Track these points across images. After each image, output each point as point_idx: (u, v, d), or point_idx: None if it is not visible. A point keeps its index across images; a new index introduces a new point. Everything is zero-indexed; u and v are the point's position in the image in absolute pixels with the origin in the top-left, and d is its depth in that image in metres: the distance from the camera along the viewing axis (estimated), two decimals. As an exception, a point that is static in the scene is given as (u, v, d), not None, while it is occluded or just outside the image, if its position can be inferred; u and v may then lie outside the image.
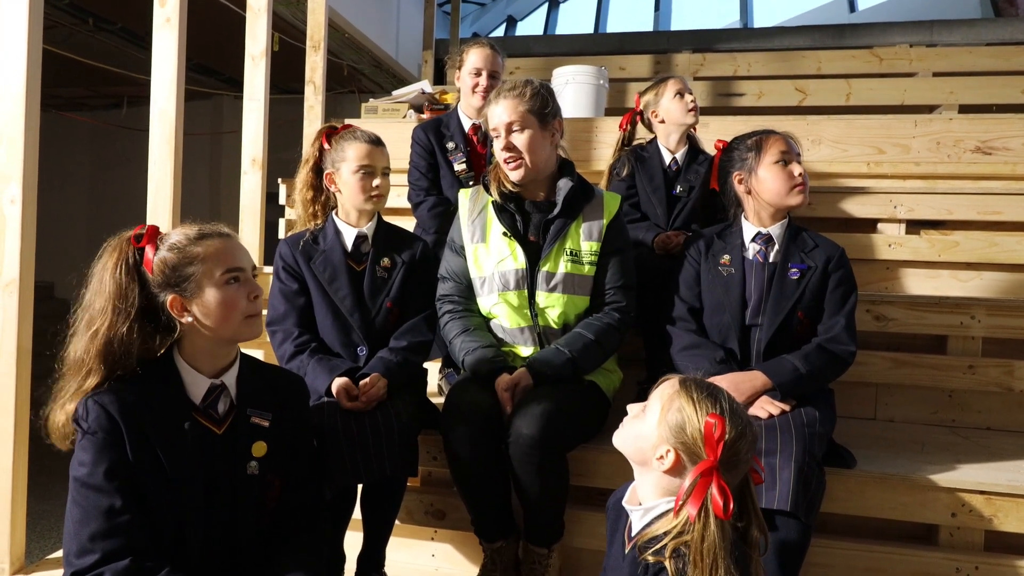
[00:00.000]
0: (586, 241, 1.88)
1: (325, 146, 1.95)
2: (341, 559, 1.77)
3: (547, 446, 1.61)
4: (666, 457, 1.09)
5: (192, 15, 2.38)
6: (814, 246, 1.87)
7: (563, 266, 1.85)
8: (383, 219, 1.98)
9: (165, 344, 1.37)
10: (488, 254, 1.90)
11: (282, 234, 3.45)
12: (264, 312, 1.45)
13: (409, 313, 1.92)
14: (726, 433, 1.06)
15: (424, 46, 6.51)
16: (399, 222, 2.08)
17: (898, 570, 1.70)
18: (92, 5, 4.86)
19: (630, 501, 1.19)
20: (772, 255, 1.87)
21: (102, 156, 7.53)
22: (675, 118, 2.47)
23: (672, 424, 1.09)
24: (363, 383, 1.71)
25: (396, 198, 3.04)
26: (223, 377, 1.35)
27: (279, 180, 3.49)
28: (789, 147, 1.88)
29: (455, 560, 1.95)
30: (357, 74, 6.23)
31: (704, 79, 5.39)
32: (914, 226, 2.79)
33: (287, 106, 5.37)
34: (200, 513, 1.29)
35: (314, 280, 1.88)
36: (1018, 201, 2.69)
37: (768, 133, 1.92)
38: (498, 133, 1.85)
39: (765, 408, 1.67)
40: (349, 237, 1.91)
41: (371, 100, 3.98)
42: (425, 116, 3.58)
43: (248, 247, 1.41)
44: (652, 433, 1.12)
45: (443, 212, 2.54)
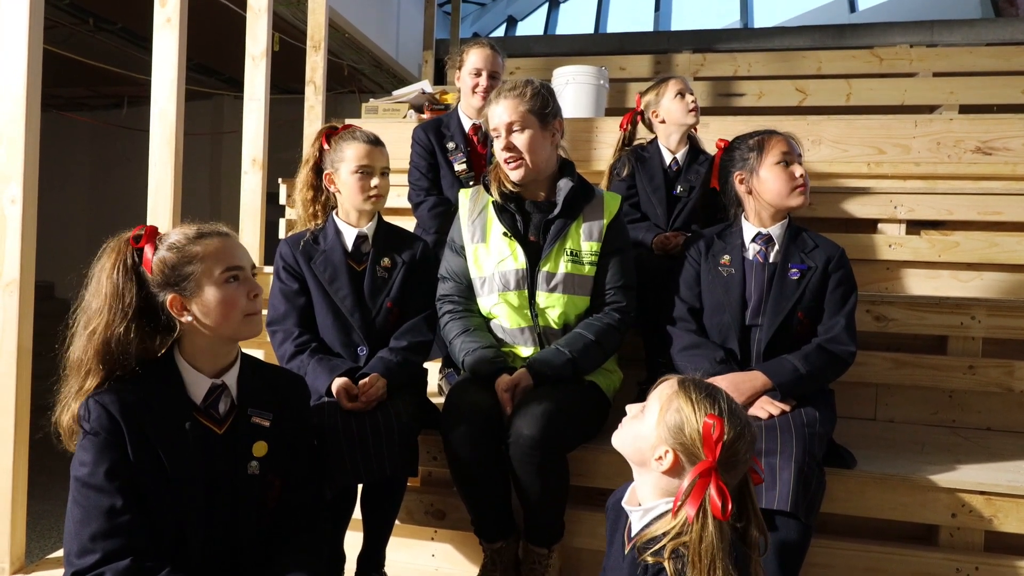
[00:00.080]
0: (586, 241, 1.88)
1: (325, 146, 1.95)
2: (341, 559, 1.77)
3: (547, 446, 1.61)
4: (665, 458, 1.09)
5: (192, 15, 2.38)
6: (814, 246, 1.87)
7: (563, 266, 1.85)
8: (383, 219, 1.98)
9: (165, 344, 1.37)
10: (488, 254, 1.90)
11: (282, 234, 3.45)
12: (264, 312, 1.45)
13: (409, 313, 1.92)
14: (725, 434, 1.06)
15: (424, 46, 6.51)
16: (399, 222, 2.08)
17: (898, 570, 1.70)
18: (92, 5, 4.86)
19: (629, 502, 1.19)
20: (772, 255, 1.87)
21: (102, 156, 7.53)
22: (676, 118, 2.47)
23: (671, 425, 1.09)
24: (362, 383, 1.72)
25: (396, 198, 3.04)
26: (224, 377, 1.35)
27: (279, 180, 3.50)
28: (791, 148, 1.88)
29: (455, 560, 1.95)
30: (357, 74, 6.23)
31: (704, 79, 5.40)
32: (914, 226, 2.79)
33: (287, 106, 5.37)
34: (201, 513, 1.29)
35: (314, 280, 1.88)
36: (1018, 201, 2.69)
37: (770, 133, 1.92)
38: (498, 133, 1.85)
39: (765, 408, 1.67)
40: (349, 237, 1.91)
41: (371, 100, 3.98)
42: (425, 116, 3.58)
43: (248, 247, 1.41)
44: (651, 434, 1.11)
45: (443, 212, 2.54)
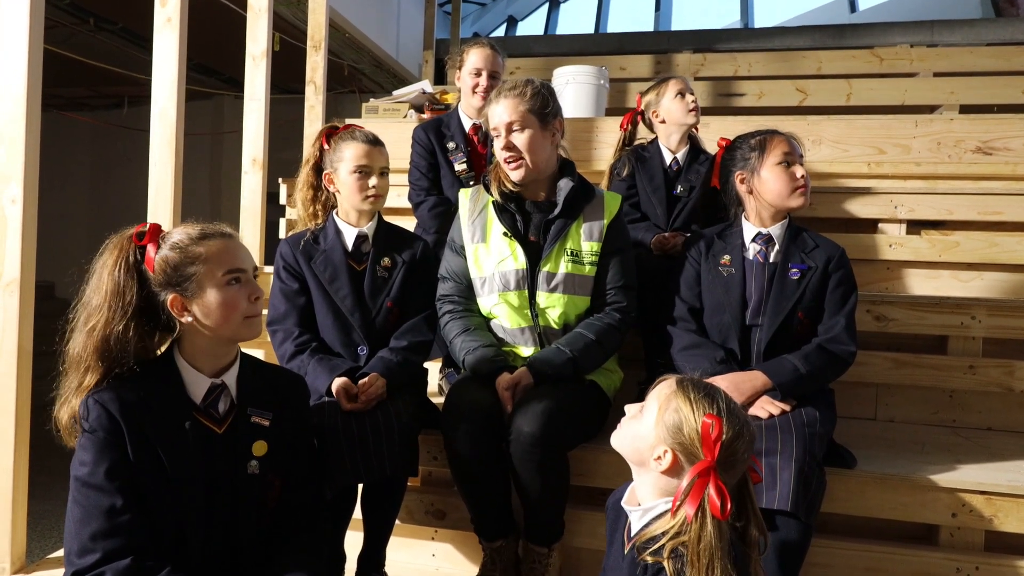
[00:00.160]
0: (587, 241, 1.88)
1: (325, 146, 1.95)
2: (341, 559, 1.77)
3: (548, 444, 1.61)
4: (664, 458, 1.09)
5: (193, 15, 2.38)
6: (814, 246, 1.87)
7: (564, 266, 1.85)
8: (383, 219, 1.98)
9: (164, 343, 1.37)
10: (488, 254, 1.90)
11: (283, 234, 3.45)
12: (264, 312, 1.45)
13: (409, 313, 1.92)
14: (723, 433, 1.06)
15: (425, 46, 6.51)
16: (400, 222, 2.08)
17: (898, 570, 1.70)
18: (93, 5, 4.87)
19: (629, 501, 1.19)
20: (772, 255, 1.87)
21: (103, 156, 7.54)
22: (676, 118, 2.47)
23: (669, 424, 1.09)
24: (362, 383, 1.71)
25: (396, 198, 3.04)
26: (223, 376, 1.35)
27: (280, 180, 3.50)
28: (792, 148, 1.88)
29: (455, 560, 1.95)
30: (358, 74, 6.24)
31: (705, 79, 5.40)
32: (915, 226, 2.79)
33: (288, 106, 5.37)
34: (201, 512, 1.29)
35: (315, 280, 1.88)
36: (1019, 201, 2.69)
37: (772, 133, 1.92)
38: (498, 133, 1.85)
39: (765, 408, 1.67)
40: (350, 237, 1.91)
41: (372, 100, 3.98)
42: (426, 116, 3.58)
43: (249, 247, 1.41)
44: (649, 433, 1.11)
45: (443, 212, 2.54)
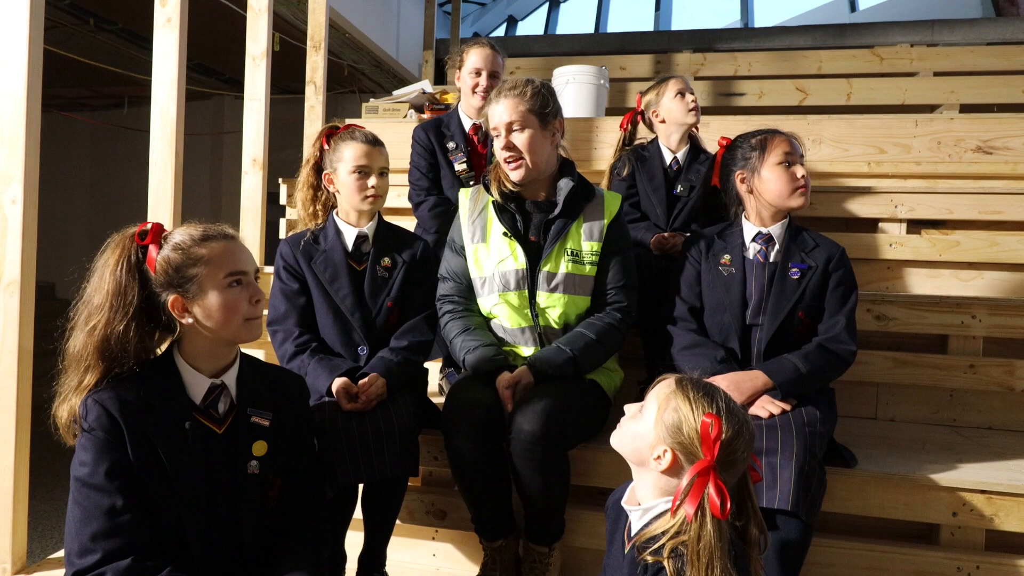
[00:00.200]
0: (587, 241, 1.88)
1: (325, 146, 1.95)
2: (342, 559, 1.77)
3: (548, 442, 1.61)
4: (663, 457, 1.09)
5: (193, 15, 2.38)
6: (815, 246, 1.87)
7: (564, 266, 1.85)
8: (384, 219, 1.98)
9: (164, 343, 1.37)
10: (488, 254, 1.90)
11: (283, 234, 3.45)
12: (265, 312, 1.45)
13: (410, 313, 1.92)
14: (723, 432, 1.06)
15: (425, 46, 6.52)
16: (400, 222, 2.08)
17: (899, 569, 1.70)
18: (93, 5, 4.87)
19: (629, 501, 1.19)
20: (773, 255, 1.87)
21: (103, 156, 7.54)
22: (676, 118, 2.47)
23: (669, 424, 1.09)
24: (362, 383, 1.71)
25: (397, 198, 3.04)
26: (223, 377, 1.36)
27: (280, 180, 3.50)
28: (793, 148, 1.87)
29: (456, 559, 1.95)
30: (358, 74, 6.24)
31: (705, 79, 5.40)
32: (915, 226, 2.79)
33: (288, 106, 5.38)
34: (201, 513, 1.29)
35: (315, 280, 1.88)
36: (1019, 201, 2.69)
37: (773, 133, 1.91)
38: (498, 132, 1.85)
39: (766, 407, 1.67)
40: (350, 237, 1.91)
41: (372, 100, 3.98)
42: (426, 116, 3.58)
43: (249, 247, 1.41)
44: (649, 433, 1.11)
45: (444, 212, 2.54)
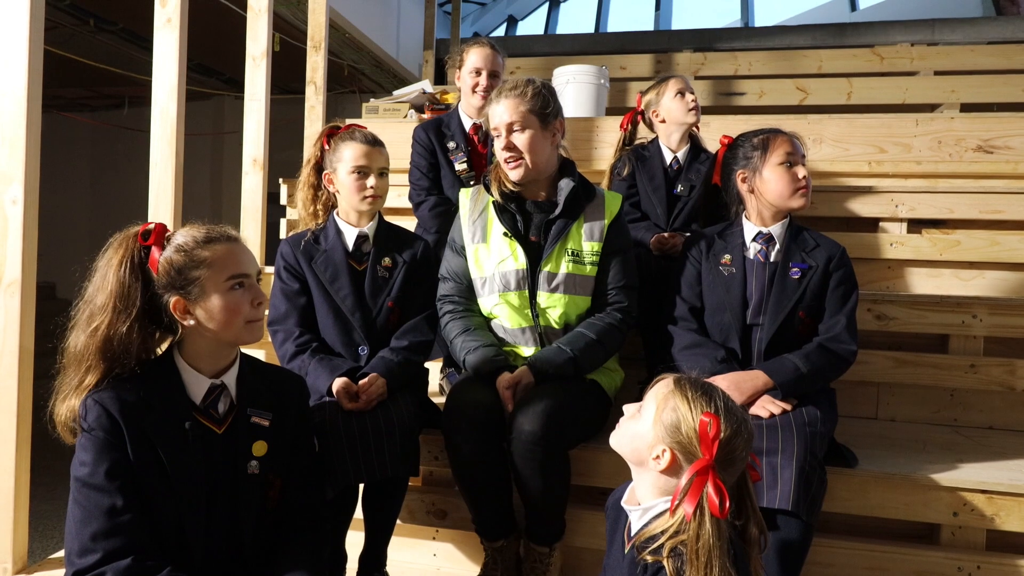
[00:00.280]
0: (587, 241, 1.88)
1: (326, 146, 1.95)
2: (343, 558, 1.78)
3: (549, 442, 1.61)
4: (662, 457, 1.09)
5: (193, 16, 2.38)
6: (815, 245, 1.87)
7: (564, 266, 1.85)
8: (384, 219, 1.98)
9: (165, 343, 1.37)
10: (489, 254, 1.90)
11: (283, 234, 3.45)
12: (265, 312, 1.45)
13: (410, 313, 1.92)
14: (721, 431, 1.06)
15: (425, 46, 6.52)
16: (401, 222, 2.08)
17: (900, 569, 1.70)
18: (93, 6, 4.87)
19: (629, 501, 1.19)
20: (773, 254, 1.87)
21: (103, 157, 7.54)
22: (676, 117, 2.47)
23: (667, 423, 1.09)
24: (362, 383, 1.71)
25: (397, 198, 3.04)
26: (223, 377, 1.36)
27: (280, 180, 3.50)
28: (795, 148, 1.86)
29: (456, 559, 1.95)
30: (358, 74, 6.24)
31: (705, 78, 5.39)
32: (916, 225, 2.79)
33: (288, 106, 5.38)
34: (201, 513, 1.29)
35: (315, 280, 1.88)
36: (1020, 200, 2.69)
37: (775, 133, 1.90)
38: (499, 133, 1.85)
39: (766, 407, 1.67)
40: (350, 237, 1.91)
41: (372, 100, 3.98)
42: (426, 116, 3.58)
43: (249, 247, 1.41)
44: (648, 433, 1.11)
45: (444, 212, 2.54)
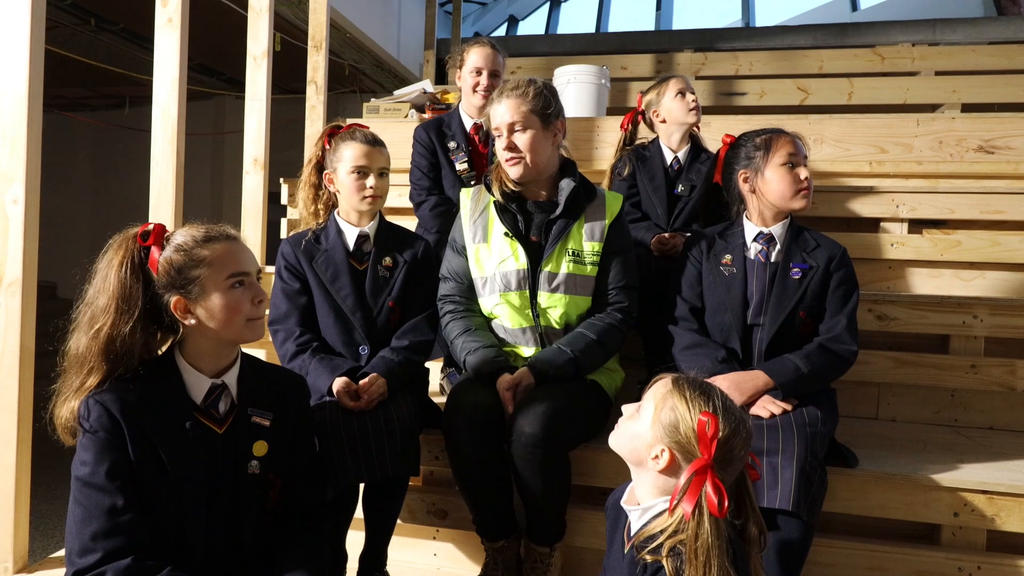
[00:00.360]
0: (588, 241, 1.88)
1: (327, 146, 1.95)
2: (343, 558, 1.78)
3: (549, 444, 1.61)
4: (661, 456, 1.10)
5: (194, 15, 2.38)
6: (816, 246, 1.87)
7: (565, 266, 1.85)
8: (385, 218, 1.98)
9: (166, 343, 1.37)
10: (490, 254, 1.90)
11: (284, 234, 3.45)
12: (266, 311, 1.46)
13: (411, 312, 1.92)
14: (719, 431, 1.06)
15: (426, 46, 6.52)
16: (401, 222, 2.08)
17: (900, 569, 1.70)
18: (94, 6, 4.87)
19: (628, 501, 1.19)
20: (774, 255, 1.87)
21: (104, 156, 7.54)
22: (677, 117, 2.47)
23: (666, 423, 1.09)
24: (363, 382, 1.72)
25: (398, 198, 3.04)
26: (224, 377, 1.36)
27: (281, 180, 3.51)
28: (797, 149, 1.86)
29: (457, 559, 1.95)
30: (359, 74, 6.24)
31: (706, 78, 5.39)
32: (916, 225, 2.79)
33: (289, 106, 5.38)
34: (201, 512, 1.29)
35: (316, 279, 1.88)
36: (1021, 200, 2.69)
37: (778, 133, 1.90)
38: (500, 132, 1.85)
39: (767, 407, 1.67)
40: (351, 236, 1.91)
41: (373, 100, 3.98)
42: (427, 116, 3.58)
43: (250, 247, 1.41)
44: (646, 433, 1.12)
45: (445, 212, 2.54)
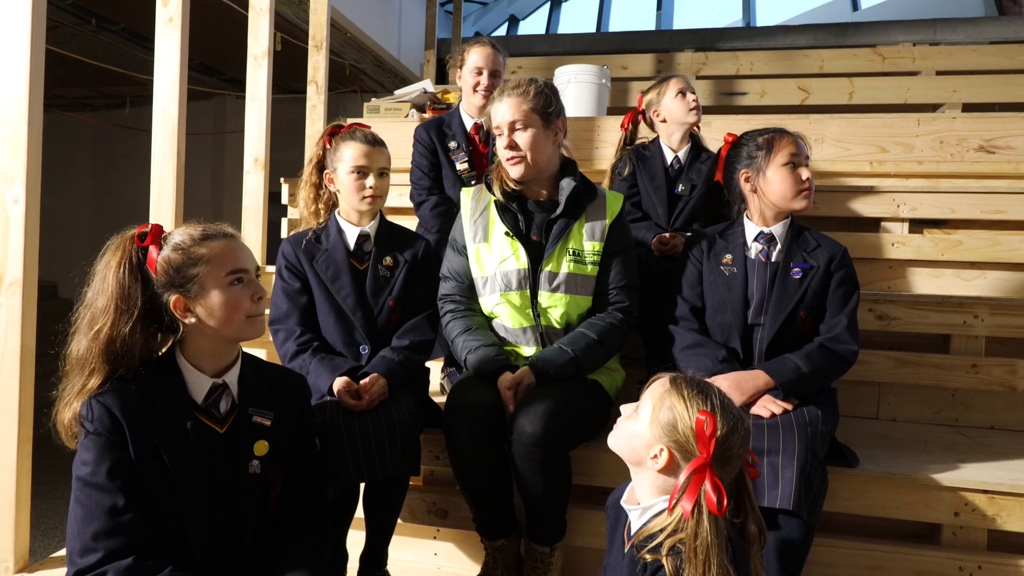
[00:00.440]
0: (589, 241, 1.88)
1: (327, 146, 1.95)
2: (344, 558, 1.78)
3: (550, 444, 1.61)
4: (660, 456, 1.10)
5: (195, 15, 2.38)
6: (816, 245, 1.86)
7: (566, 266, 1.85)
8: (385, 218, 1.98)
9: (167, 343, 1.37)
10: (490, 254, 1.90)
11: (284, 233, 3.46)
12: (266, 311, 1.46)
13: (411, 312, 1.92)
14: (718, 429, 1.06)
15: (426, 45, 6.52)
16: (402, 221, 2.08)
17: (901, 569, 1.70)
18: (95, 5, 4.87)
19: (628, 501, 1.20)
20: (774, 254, 1.87)
21: (105, 156, 7.54)
22: (677, 117, 2.47)
23: (664, 423, 1.10)
24: (363, 382, 1.72)
25: (398, 197, 3.04)
26: (225, 376, 1.36)
27: (281, 180, 3.51)
28: (799, 149, 1.85)
29: (457, 559, 1.95)
30: (359, 74, 6.24)
31: (706, 78, 5.39)
32: (917, 225, 2.79)
33: (289, 106, 5.38)
34: (202, 512, 1.29)
35: (316, 279, 1.88)
36: (1021, 200, 2.69)
37: (780, 133, 1.89)
38: (501, 131, 1.85)
39: (767, 407, 1.67)
40: (351, 236, 1.91)
41: (373, 100, 3.98)
42: (427, 115, 3.59)
43: (251, 247, 1.41)
44: (645, 432, 1.12)
45: (445, 211, 2.55)
